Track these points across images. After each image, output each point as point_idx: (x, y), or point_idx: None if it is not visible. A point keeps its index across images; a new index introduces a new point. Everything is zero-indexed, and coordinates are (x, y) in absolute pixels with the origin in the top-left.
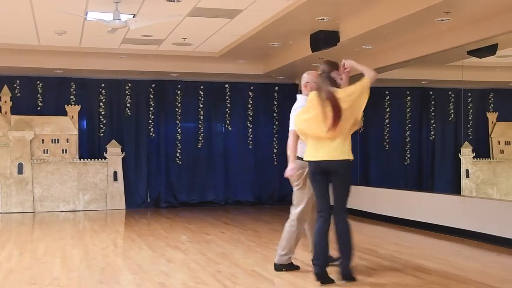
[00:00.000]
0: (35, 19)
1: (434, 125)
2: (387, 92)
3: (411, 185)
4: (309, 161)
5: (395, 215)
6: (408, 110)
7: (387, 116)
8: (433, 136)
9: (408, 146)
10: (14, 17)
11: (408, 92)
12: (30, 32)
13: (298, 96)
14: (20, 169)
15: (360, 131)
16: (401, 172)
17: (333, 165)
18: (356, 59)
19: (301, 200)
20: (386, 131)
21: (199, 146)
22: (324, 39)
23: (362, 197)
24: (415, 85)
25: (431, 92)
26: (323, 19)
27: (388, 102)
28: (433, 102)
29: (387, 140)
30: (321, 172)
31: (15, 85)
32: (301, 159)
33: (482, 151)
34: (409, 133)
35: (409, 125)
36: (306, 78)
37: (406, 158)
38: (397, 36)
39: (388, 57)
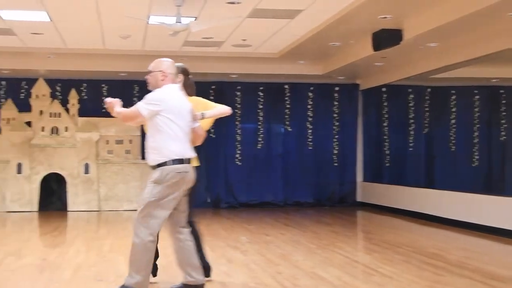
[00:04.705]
0: (101, 24)
1: (505, 125)
2: (453, 92)
3: (479, 188)
4: None
5: (462, 219)
6: (476, 109)
7: (453, 116)
8: (504, 137)
9: (476, 147)
10: (81, 22)
11: (476, 91)
12: (96, 37)
13: None
14: (86, 169)
15: None
16: (468, 173)
17: None
18: (420, 57)
19: None
20: (452, 131)
21: (259, 147)
22: (386, 38)
23: (426, 199)
24: (483, 83)
25: (501, 91)
26: (386, 17)
27: (454, 102)
28: (504, 101)
29: (453, 141)
30: None
31: (81, 88)
32: None
33: None
34: (477, 134)
35: (478, 125)
36: None
37: (474, 159)
38: (465, 33)
39: (454, 55)
